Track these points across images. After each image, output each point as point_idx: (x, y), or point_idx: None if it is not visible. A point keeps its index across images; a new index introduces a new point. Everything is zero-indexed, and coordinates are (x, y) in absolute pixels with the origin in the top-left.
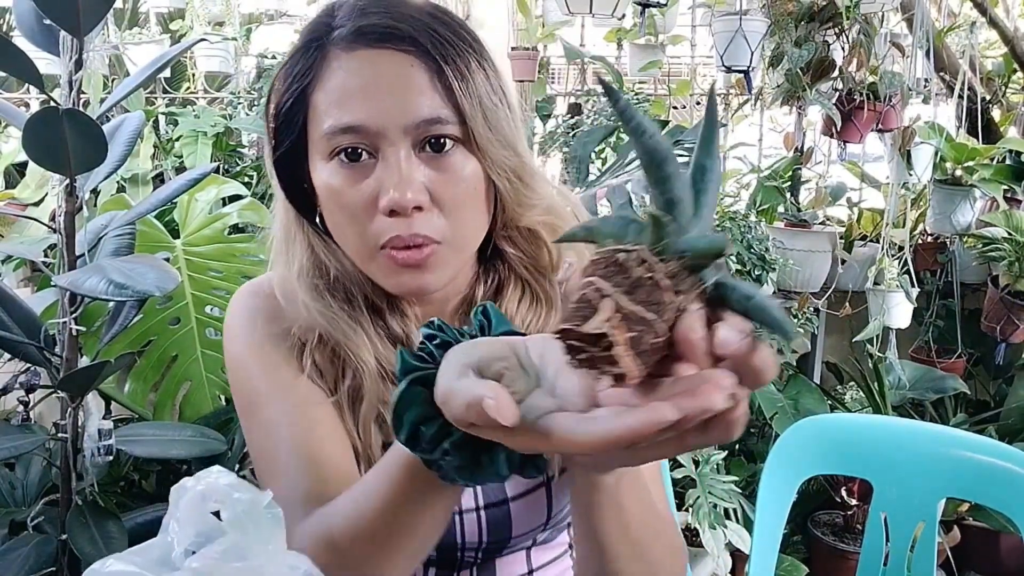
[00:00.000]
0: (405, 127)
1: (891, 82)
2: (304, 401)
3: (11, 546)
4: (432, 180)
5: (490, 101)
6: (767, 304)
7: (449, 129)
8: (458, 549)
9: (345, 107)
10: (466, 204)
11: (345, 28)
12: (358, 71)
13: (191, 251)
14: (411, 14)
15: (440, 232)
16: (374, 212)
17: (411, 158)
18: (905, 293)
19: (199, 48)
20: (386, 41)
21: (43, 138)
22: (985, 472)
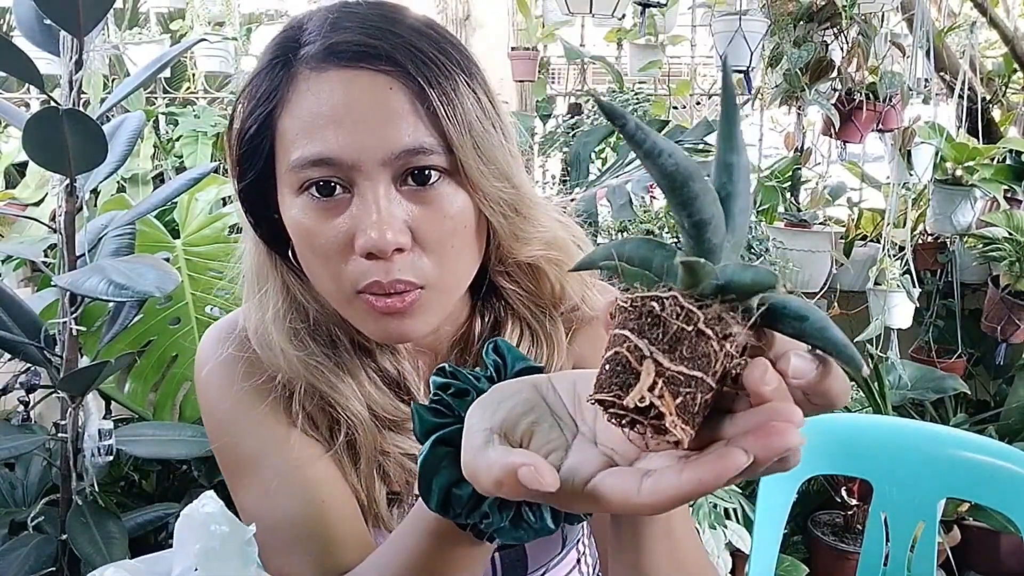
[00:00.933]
0: (383, 158)
1: (891, 82)
2: (300, 459)
3: (11, 546)
4: (415, 217)
5: (481, 127)
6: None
7: (434, 159)
8: None
9: (315, 136)
10: (454, 243)
11: (314, 45)
12: (329, 95)
13: (191, 251)
14: (390, 29)
15: (424, 276)
16: (350, 253)
17: (391, 193)
18: (907, 293)
19: (199, 48)
20: (361, 60)
21: (43, 138)
22: (985, 472)
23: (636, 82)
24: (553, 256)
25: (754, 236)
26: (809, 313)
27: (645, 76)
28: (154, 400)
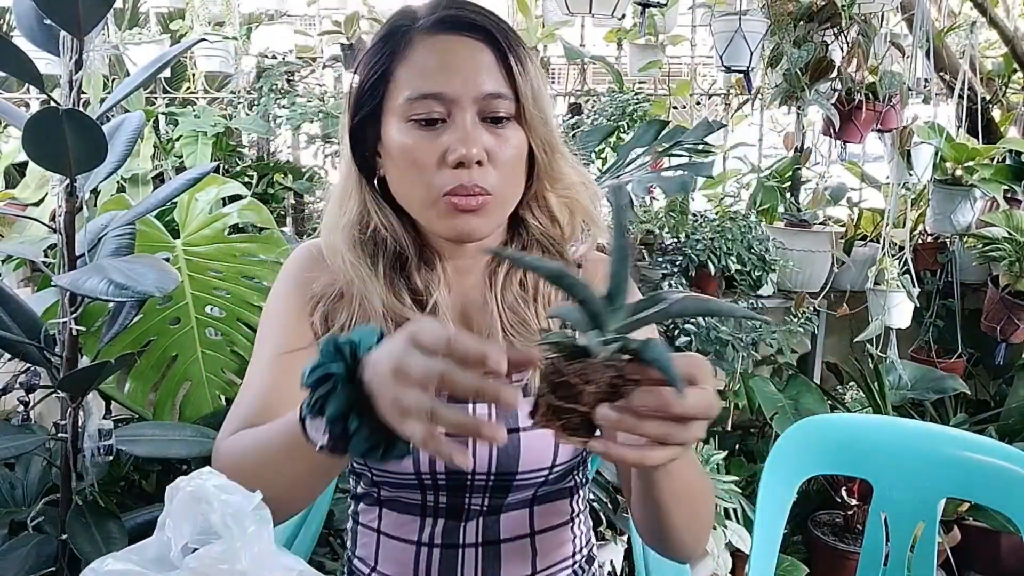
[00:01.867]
0: (475, 98)
1: (891, 82)
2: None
3: (11, 546)
4: (490, 143)
5: (538, 85)
6: (665, 364)
7: (506, 104)
8: (468, 477)
9: (427, 78)
10: (513, 166)
11: (429, 18)
12: (439, 51)
13: (191, 251)
14: (482, 11)
15: (493, 185)
16: (442, 165)
17: (476, 123)
18: (907, 293)
19: (199, 48)
20: (463, 29)
21: (43, 138)
22: (985, 472)
23: (636, 82)
24: (568, 196)
25: (754, 236)
26: (657, 355)
27: (645, 76)
28: (154, 400)
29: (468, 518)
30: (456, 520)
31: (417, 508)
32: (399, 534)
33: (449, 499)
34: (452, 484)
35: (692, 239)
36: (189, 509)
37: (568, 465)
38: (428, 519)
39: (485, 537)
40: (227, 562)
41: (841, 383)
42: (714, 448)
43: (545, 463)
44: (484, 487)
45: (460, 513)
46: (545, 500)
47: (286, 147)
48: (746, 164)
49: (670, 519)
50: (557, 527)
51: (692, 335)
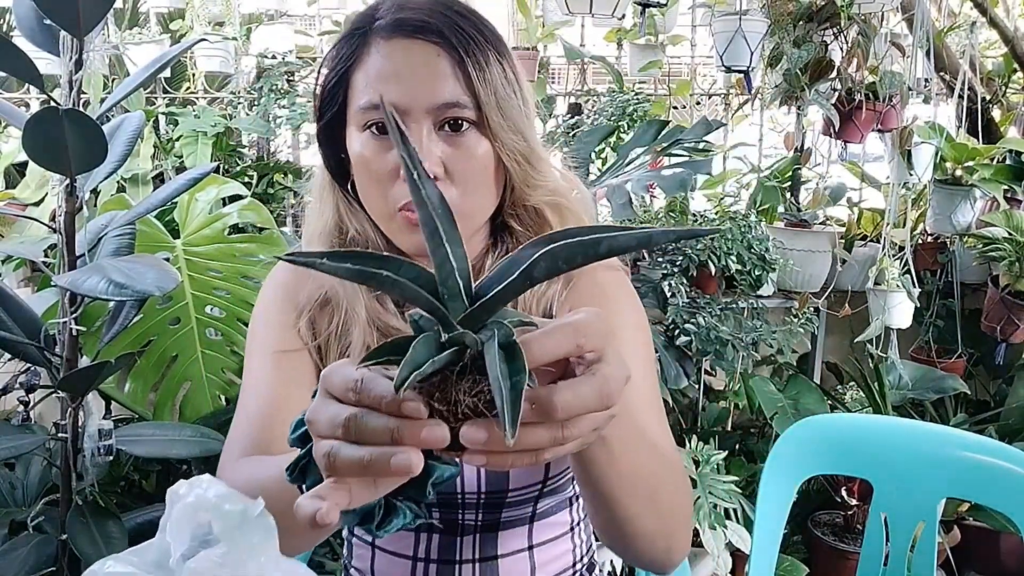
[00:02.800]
0: (428, 108)
1: (891, 82)
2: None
3: (11, 546)
4: (448, 155)
5: (504, 91)
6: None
7: (465, 112)
8: (458, 496)
9: (382, 86)
10: (476, 178)
11: (385, 20)
12: (392, 57)
13: (191, 251)
14: (442, 11)
15: (452, 200)
16: (396, 178)
17: (431, 135)
18: (907, 293)
19: (199, 48)
20: (418, 32)
21: (43, 138)
22: (985, 472)
23: (636, 82)
24: (557, 202)
25: (754, 236)
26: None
27: (645, 76)
28: (154, 400)
29: (464, 533)
30: (451, 536)
31: None
32: (394, 549)
33: (443, 515)
34: (443, 501)
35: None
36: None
37: (564, 475)
38: (423, 534)
39: (482, 553)
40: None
41: (841, 383)
42: (714, 448)
43: (537, 478)
44: (476, 504)
45: (455, 529)
46: (545, 514)
47: (286, 147)
48: (746, 164)
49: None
50: (557, 538)
51: (692, 335)
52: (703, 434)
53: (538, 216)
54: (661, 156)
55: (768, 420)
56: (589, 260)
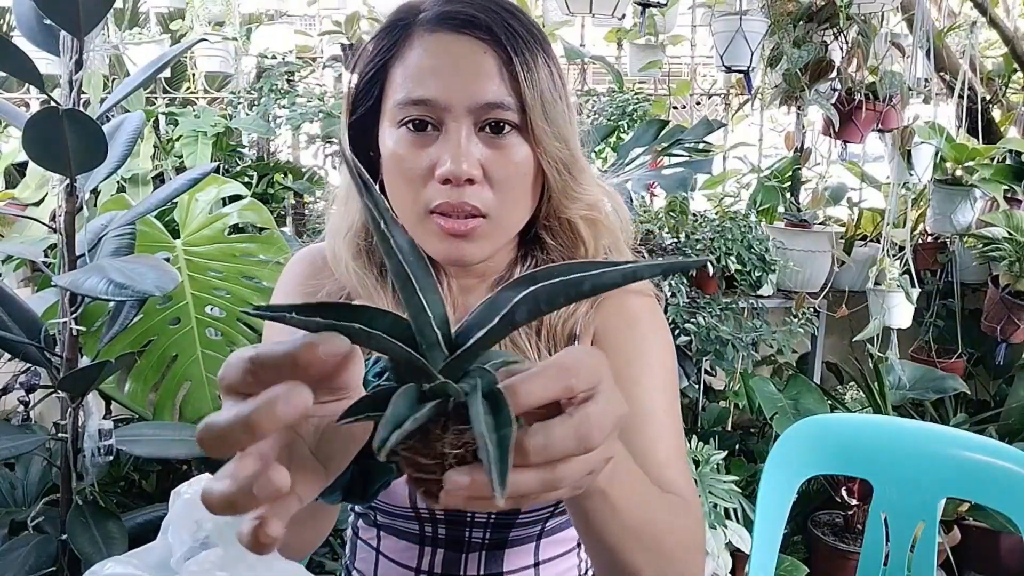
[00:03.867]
0: (470, 107)
1: (891, 82)
2: None
3: (11, 546)
4: (487, 158)
5: (550, 95)
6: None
7: (509, 115)
8: (467, 515)
9: (420, 81)
10: (515, 185)
11: (430, 12)
12: (436, 51)
13: (191, 251)
14: (490, 7)
15: (487, 206)
16: (430, 179)
17: (471, 135)
18: (905, 293)
19: (199, 48)
20: (465, 28)
21: (43, 138)
22: (985, 472)
23: (636, 82)
24: (592, 216)
25: (754, 236)
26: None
27: (645, 76)
28: (154, 400)
29: (470, 550)
30: (457, 552)
31: (415, 537)
32: (398, 559)
33: (449, 532)
34: (451, 518)
35: (692, 239)
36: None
37: None
38: (427, 548)
39: (487, 569)
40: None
41: (841, 383)
42: (714, 448)
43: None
44: (485, 523)
45: (461, 546)
46: (553, 531)
47: (286, 147)
48: (746, 164)
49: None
50: (564, 554)
51: (692, 335)
52: (703, 434)
53: (572, 230)
54: (661, 156)
55: (768, 420)
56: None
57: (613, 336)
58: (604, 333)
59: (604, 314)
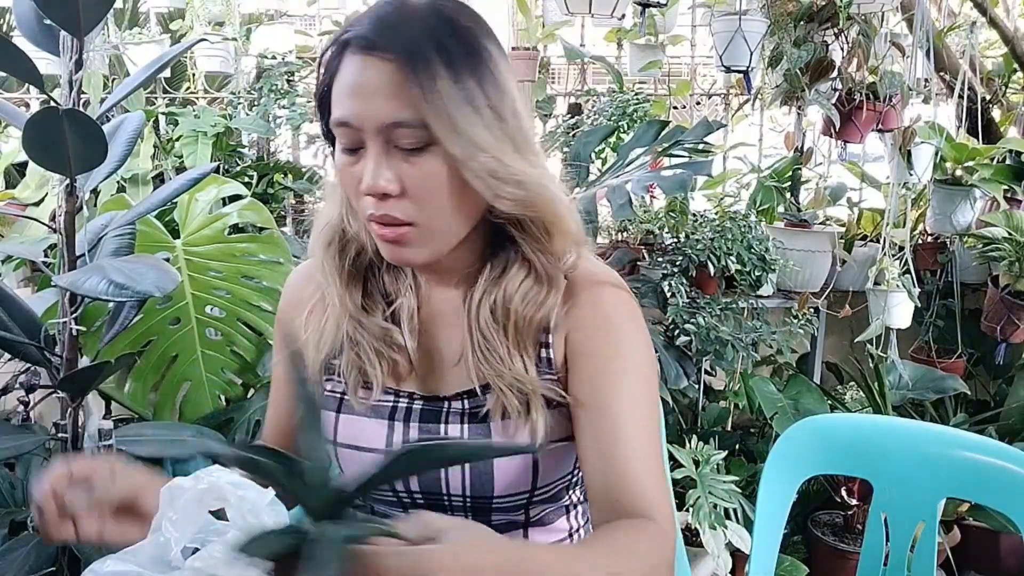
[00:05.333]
0: (378, 127)
1: (891, 82)
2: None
3: (11, 546)
4: (403, 173)
5: (461, 109)
6: None
7: (416, 131)
8: (444, 498)
9: (342, 104)
10: (432, 196)
11: (351, 34)
12: (351, 73)
13: (191, 251)
14: (398, 25)
15: (409, 215)
16: (361, 194)
17: (388, 150)
18: (907, 293)
19: (199, 48)
20: (372, 49)
21: (43, 138)
22: (985, 472)
23: (636, 82)
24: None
25: (754, 236)
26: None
27: (645, 76)
28: (154, 400)
29: None
30: None
31: None
32: None
33: None
34: (430, 504)
35: (692, 239)
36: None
37: (555, 486)
38: None
39: None
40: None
41: (841, 383)
42: (714, 448)
43: (524, 487)
44: (463, 507)
45: None
46: (541, 520)
47: (286, 147)
48: (746, 164)
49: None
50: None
51: (692, 335)
52: (703, 434)
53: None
54: (661, 156)
55: (768, 420)
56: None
57: (590, 340)
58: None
59: (578, 309)
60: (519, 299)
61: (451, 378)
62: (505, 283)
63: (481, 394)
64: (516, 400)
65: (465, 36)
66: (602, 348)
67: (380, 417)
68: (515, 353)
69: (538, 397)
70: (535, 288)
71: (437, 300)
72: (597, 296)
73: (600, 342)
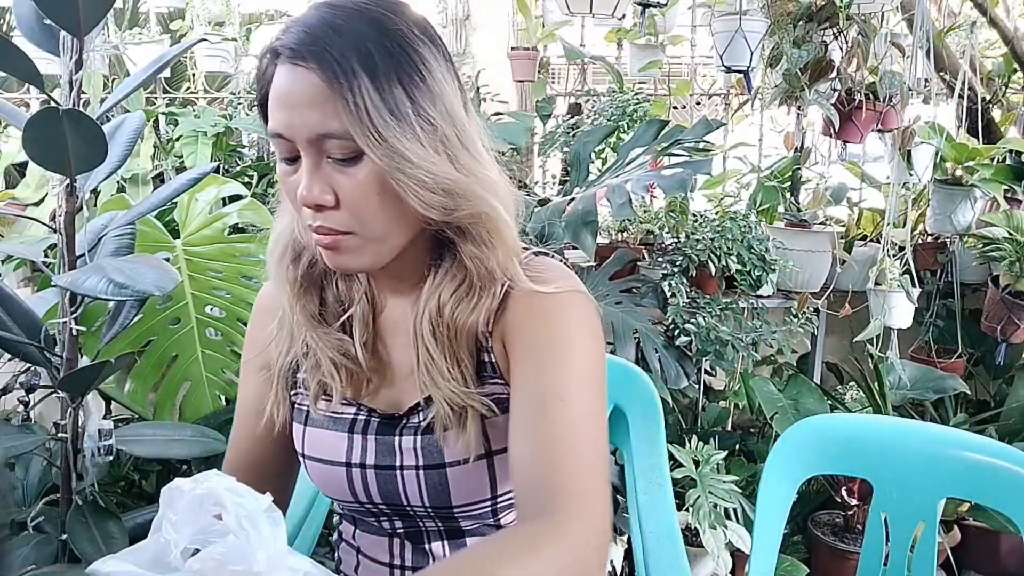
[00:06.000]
0: (307, 138)
1: (891, 82)
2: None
3: (11, 546)
4: (337, 183)
5: (383, 119)
6: None
7: (344, 142)
8: (407, 508)
9: (274, 115)
10: (365, 205)
11: (280, 41)
12: (279, 84)
13: (191, 251)
14: (326, 34)
15: (346, 225)
16: (299, 204)
17: (319, 162)
18: (906, 293)
19: (199, 48)
20: (297, 59)
21: (43, 138)
22: (985, 472)
23: (636, 82)
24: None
25: (754, 236)
26: None
27: (645, 76)
28: (154, 400)
29: (431, 540)
30: (420, 543)
31: (382, 531)
32: (374, 555)
33: (404, 523)
34: (395, 511)
35: (692, 239)
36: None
37: None
38: (396, 540)
39: None
40: (240, 563)
41: (841, 383)
42: (714, 448)
43: (484, 495)
44: (428, 515)
45: (421, 536)
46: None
47: None
48: (746, 164)
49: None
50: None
51: (692, 335)
52: (703, 434)
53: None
54: (661, 156)
55: (768, 420)
56: None
57: (527, 331)
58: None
59: (516, 310)
60: (452, 304)
61: (406, 388)
62: (440, 291)
63: (425, 406)
64: (451, 411)
65: (395, 40)
66: (540, 338)
67: (340, 429)
68: (452, 363)
69: (474, 408)
70: (467, 293)
71: (391, 307)
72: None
73: (537, 332)
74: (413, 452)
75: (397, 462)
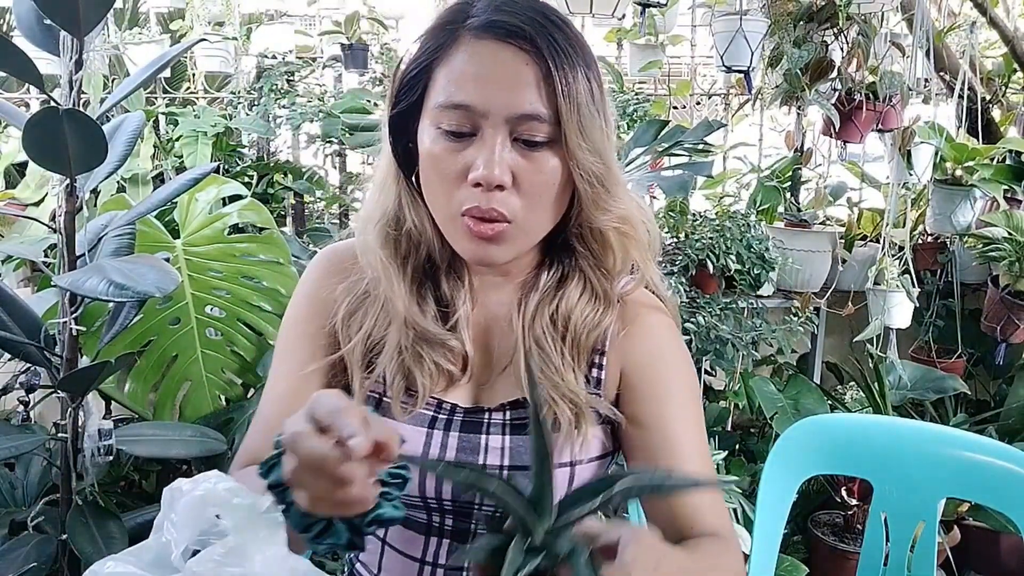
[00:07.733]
0: (507, 116)
1: (891, 82)
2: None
3: (11, 546)
4: (519, 167)
5: (588, 110)
6: None
7: (544, 127)
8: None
9: (461, 86)
10: (542, 194)
11: (479, 19)
12: (480, 58)
13: (191, 251)
14: (536, 18)
15: (513, 213)
16: (462, 181)
17: (506, 143)
18: (906, 293)
19: (199, 48)
20: (510, 37)
21: (43, 138)
22: (985, 472)
23: (636, 82)
24: (623, 229)
25: (754, 236)
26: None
27: (645, 76)
28: (154, 400)
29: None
30: (463, 542)
31: (423, 527)
32: (404, 549)
33: (456, 522)
34: (459, 509)
35: (692, 238)
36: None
37: None
38: (434, 538)
39: None
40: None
41: (841, 383)
42: (714, 448)
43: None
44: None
45: (468, 536)
46: None
47: (286, 147)
48: (746, 164)
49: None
50: None
51: (692, 334)
52: None
53: (602, 240)
54: (661, 156)
55: (768, 420)
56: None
57: (648, 367)
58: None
59: (633, 336)
60: (579, 315)
61: (498, 386)
62: (564, 295)
63: (512, 407)
64: (569, 412)
65: (582, 38)
66: (660, 374)
67: (419, 424)
68: (569, 365)
69: (589, 411)
70: (592, 306)
71: (490, 304)
72: (650, 322)
73: (658, 368)
74: (500, 452)
75: (480, 460)
